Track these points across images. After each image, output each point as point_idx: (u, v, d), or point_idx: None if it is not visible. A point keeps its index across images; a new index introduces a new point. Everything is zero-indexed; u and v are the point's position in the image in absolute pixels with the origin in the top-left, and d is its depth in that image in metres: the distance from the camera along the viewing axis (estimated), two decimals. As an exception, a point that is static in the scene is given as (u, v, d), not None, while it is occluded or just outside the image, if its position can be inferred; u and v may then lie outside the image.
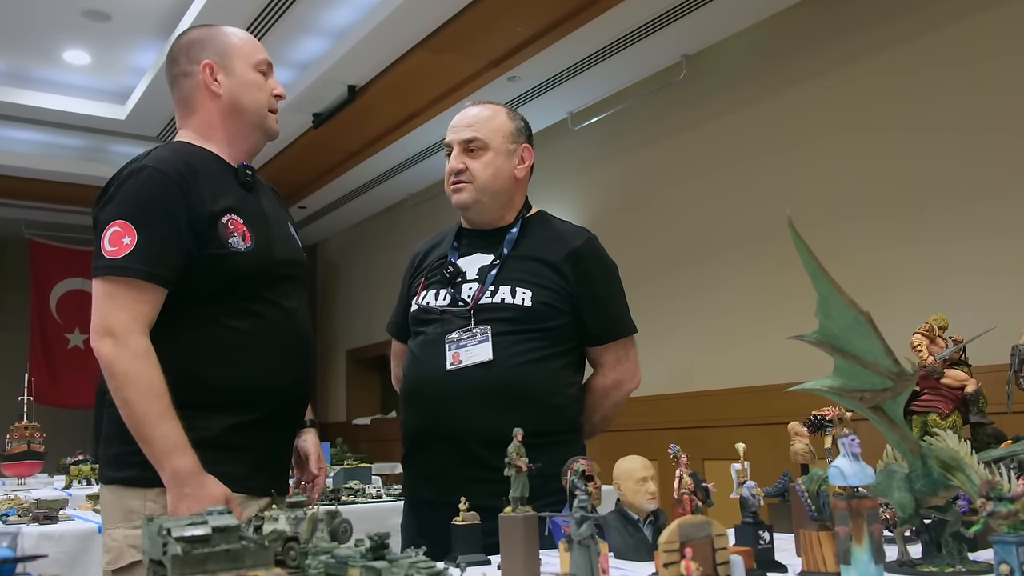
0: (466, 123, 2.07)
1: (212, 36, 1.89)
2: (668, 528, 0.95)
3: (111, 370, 1.64)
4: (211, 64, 1.85)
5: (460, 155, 2.04)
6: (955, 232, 3.56)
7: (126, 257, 1.65)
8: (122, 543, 1.66)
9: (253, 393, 1.76)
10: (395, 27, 4.55)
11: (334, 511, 1.16)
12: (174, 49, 1.91)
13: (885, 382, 1.16)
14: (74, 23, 5.07)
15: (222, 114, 1.86)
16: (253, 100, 1.87)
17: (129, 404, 1.63)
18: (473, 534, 1.42)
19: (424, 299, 2.07)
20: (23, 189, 6.84)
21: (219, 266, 1.73)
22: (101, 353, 1.65)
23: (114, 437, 1.74)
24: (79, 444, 5.59)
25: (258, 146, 1.94)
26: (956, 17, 3.65)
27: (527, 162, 2.11)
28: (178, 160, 1.76)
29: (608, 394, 2.08)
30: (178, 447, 1.62)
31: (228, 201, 1.78)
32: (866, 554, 1.01)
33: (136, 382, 1.63)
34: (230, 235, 1.74)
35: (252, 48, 1.90)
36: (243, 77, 1.86)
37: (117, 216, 1.68)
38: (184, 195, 1.71)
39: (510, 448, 1.32)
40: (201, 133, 1.87)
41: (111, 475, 1.74)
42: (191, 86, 1.87)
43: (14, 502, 2.63)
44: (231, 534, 0.94)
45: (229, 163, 1.86)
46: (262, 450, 1.79)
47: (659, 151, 5.00)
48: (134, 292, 1.66)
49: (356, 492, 2.90)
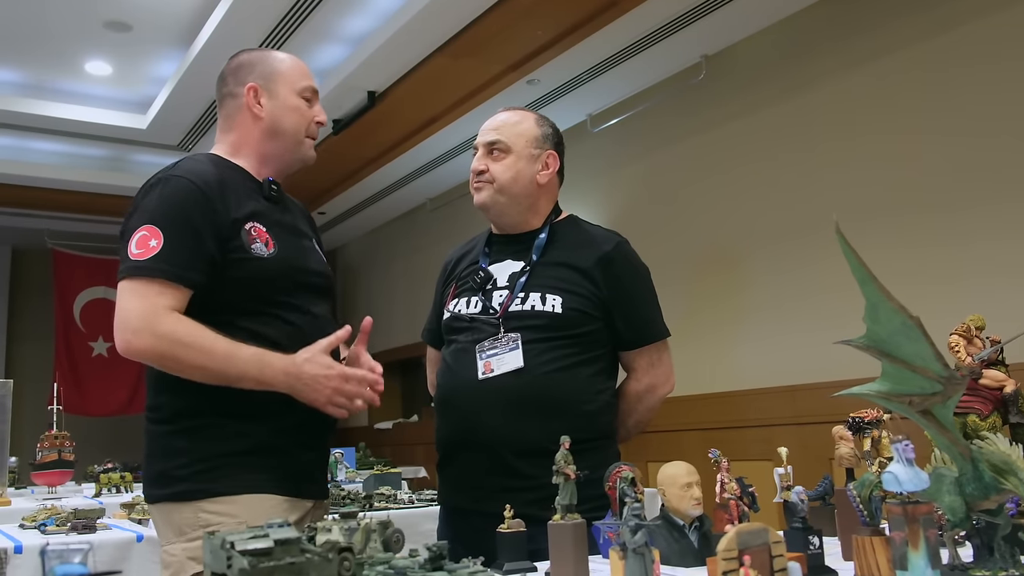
0: (492, 126, 2.11)
1: (261, 60, 1.94)
2: (726, 536, 0.95)
3: (161, 357, 1.65)
4: (255, 87, 1.89)
5: (483, 156, 2.08)
6: (981, 233, 3.54)
7: (152, 259, 1.66)
8: (181, 556, 1.67)
9: (288, 400, 1.75)
10: (414, 33, 4.57)
11: (386, 521, 1.17)
12: (224, 70, 1.96)
13: (935, 386, 1.15)
14: (95, 34, 5.12)
15: (260, 135, 1.90)
16: (292, 124, 1.91)
17: (201, 367, 1.65)
18: (518, 542, 1.42)
19: (455, 307, 2.08)
20: (46, 199, 6.91)
21: (243, 271, 1.75)
22: (141, 349, 1.64)
23: (156, 454, 1.75)
24: (106, 452, 5.63)
25: (289, 170, 1.97)
26: (980, 14, 3.63)
27: (551, 168, 2.11)
28: (205, 169, 1.80)
29: (642, 399, 2.07)
30: (263, 360, 1.66)
31: (252, 207, 1.81)
32: (923, 559, 1.01)
33: (189, 348, 1.63)
34: (252, 241, 1.77)
35: (298, 75, 1.95)
36: (285, 101, 1.91)
37: (145, 222, 1.71)
38: (209, 202, 1.73)
39: (558, 456, 1.32)
40: (234, 149, 1.92)
41: (157, 493, 1.74)
42: (235, 106, 1.92)
43: (51, 511, 2.65)
44: (292, 546, 0.95)
45: (255, 177, 1.90)
46: (298, 456, 1.81)
47: (680, 152, 5.00)
48: (156, 289, 1.66)
49: (388, 498, 2.92)
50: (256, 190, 1.87)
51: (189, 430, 1.73)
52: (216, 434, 1.72)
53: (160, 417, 1.76)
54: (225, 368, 1.65)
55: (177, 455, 1.70)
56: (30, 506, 3.30)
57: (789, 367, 4.18)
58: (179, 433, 1.73)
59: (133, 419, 7.89)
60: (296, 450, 1.79)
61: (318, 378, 1.68)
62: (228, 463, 1.71)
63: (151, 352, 1.65)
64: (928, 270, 3.65)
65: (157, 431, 1.75)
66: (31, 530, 2.55)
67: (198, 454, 1.71)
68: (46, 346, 7.95)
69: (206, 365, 1.64)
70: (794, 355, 4.16)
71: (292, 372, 1.68)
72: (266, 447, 1.74)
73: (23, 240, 8.20)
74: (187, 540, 1.67)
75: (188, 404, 1.72)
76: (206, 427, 1.72)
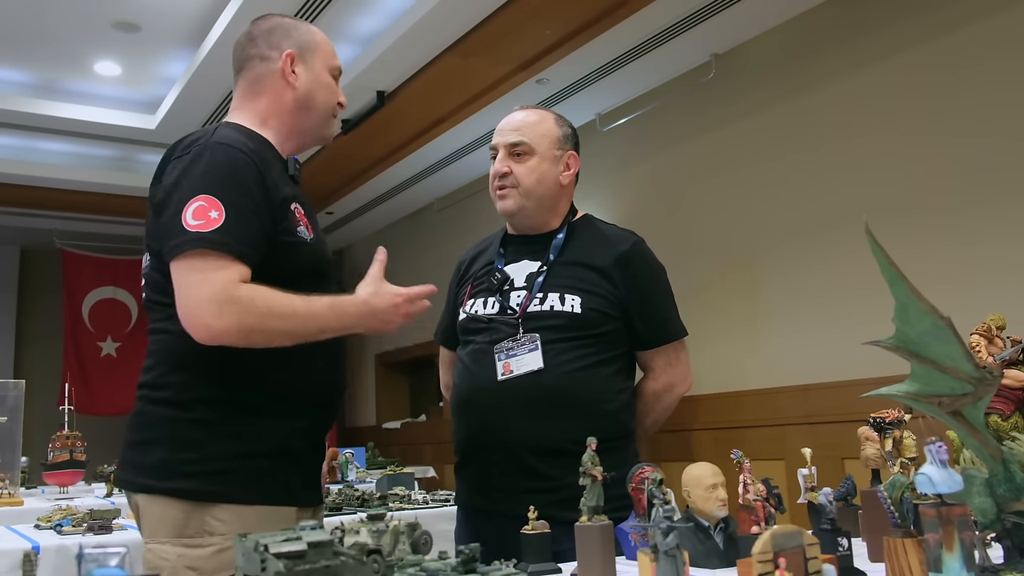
0: (513, 127, 2.06)
1: (296, 27, 1.85)
2: (761, 538, 0.95)
3: (249, 332, 1.51)
4: (293, 54, 1.78)
5: (505, 158, 2.04)
6: (990, 232, 3.53)
7: (217, 231, 1.51)
8: (176, 563, 1.53)
9: (308, 398, 1.71)
10: (423, 32, 4.57)
11: (415, 523, 1.17)
12: (253, 30, 1.84)
13: (965, 387, 1.15)
14: (104, 35, 5.12)
15: (292, 105, 1.79)
16: (324, 100, 1.83)
17: (287, 333, 1.56)
18: (543, 543, 1.42)
19: (472, 308, 2.07)
20: (55, 200, 6.91)
21: (288, 255, 1.65)
22: (226, 329, 1.49)
23: (159, 440, 1.59)
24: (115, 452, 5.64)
25: (311, 145, 1.90)
26: (988, 13, 3.61)
27: (572, 169, 2.10)
28: (248, 141, 1.67)
29: (660, 398, 2.07)
30: (338, 309, 1.63)
31: (289, 189, 1.72)
32: (957, 562, 1.00)
33: (274, 318, 1.53)
34: (297, 224, 1.68)
35: (331, 51, 1.88)
36: (320, 76, 1.82)
37: (201, 191, 1.54)
38: (261, 176, 1.62)
39: (584, 457, 1.32)
40: (260, 119, 1.79)
41: (154, 484, 1.58)
42: (266, 70, 1.79)
43: (67, 512, 2.66)
44: (326, 549, 0.95)
45: (281, 155, 1.80)
46: (310, 461, 1.76)
47: (689, 151, 4.99)
48: (220, 265, 1.51)
49: (402, 499, 2.91)
50: (283, 168, 1.76)
51: (206, 422, 1.59)
52: (234, 430, 1.59)
53: (171, 398, 1.61)
54: (308, 327, 1.58)
55: (188, 447, 1.56)
56: (42, 506, 3.31)
57: (800, 366, 4.17)
58: (195, 423, 1.58)
59: (142, 419, 7.90)
60: (308, 454, 1.73)
61: (389, 309, 1.67)
62: (245, 466, 1.59)
63: (237, 330, 1.50)
64: (938, 270, 3.64)
65: (166, 414, 1.60)
66: (47, 530, 2.55)
67: (212, 450, 1.57)
68: (55, 346, 7.97)
69: (292, 329, 1.56)
70: (805, 354, 4.15)
71: (366, 312, 1.65)
72: (284, 450, 1.64)
73: (32, 240, 8.21)
74: (186, 545, 1.54)
75: (210, 393, 1.59)
76: (224, 420, 1.59)
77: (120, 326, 8.00)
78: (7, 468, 3.68)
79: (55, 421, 4.47)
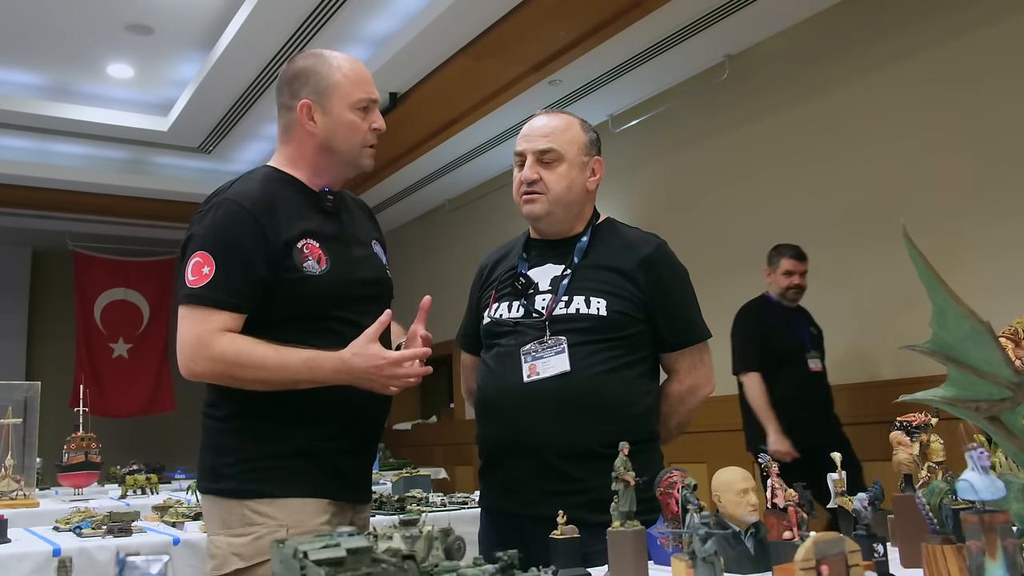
0: (542, 133, 2.04)
1: (316, 71, 1.89)
2: (803, 546, 0.94)
3: (220, 377, 1.74)
4: (309, 104, 1.86)
5: (534, 165, 2.01)
6: (1012, 237, 3.50)
7: (204, 287, 1.73)
8: (226, 551, 1.74)
9: (331, 409, 1.80)
10: (437, 34, 4.57)
11: (448, 528, 1.16)
12: (281, 77, 1.95)
13: (1004, 392, 1.14)
14: (117, 37, 5.14)
15: (314, 150, 1.90)
16: (346, 141, 1.89)
17: (259, 380, 1.72)
18: (572, 547, 1.41)
19: (497, 312, 2.06)
20: (67, 201, 6.95)
21: (294, 290, 1.79)
22: (201, 373, 1.74)
23: (209, 450, 1.83)
24: (130, 453, 5.64)
25: (345, 178, 1.98)
26: (1006, 15, 3.59)
27: (598, 175, 2.10)
28: (257, 191, 1.82)
29: (684, 400, 2.06)
30: (313, 363, 1.71)
31: (305, 225, 1.83)
32: (1000, 569, 0.99)
33: (244, 367, 1.71)
34: (305, 259, 1.80)
35: (352, 86, 1.89)
36: (340, 118, 1.88)
37: (198, 248, 1.77)
38: (259, 226, 1.77)
39: (617, 463, 1.31)
40: (290, 162, 1.92)
41: (208, 486, 1.82)
42: (290, 120, 1.91)
43: (86, 514, 2.66)
44: (365, 555, 0.94)
45: (311, 189, 1.91)
46: (337, 462, 1.83)
47: (702, 152, 4.98)
48: (208, 316, 1.73)
49: (419, 501, 2.91)
50: (311, 203, 1.89)
51: (238, 430, 1.80)
52: (261, 435, 1.78)
53: (215, 414, 1.83)
54: (280, 377, 1.73)
55: (226, 453, 1.78)
56: (57, 507, 3.31)
57: (816, 368, 4.14)
58: (230, 432, 1.81)
59: (154, 420, 7.93)
60: (335, 456, 1.83)
61: (368, 370, 1.72)
62: (272, 465, 1.77)
63: (210, 375, 1.74)
64: (954, 271, 3.62)
65: (212, 427, 1.83)
66: (65, 532, 2.55)
67: (245, 454, 1.78)
68: (67, 347, 7.99)
69: (262, 378, 1.73)
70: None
71: (343, 369, 1.73)
72: (305, 451, 1.78)
73: (44, 242, 8.24)
74: (232, 535, 1.74)
75: (238, 406, 1.79)
76: (252, 428, 1.79)
77: (132, 328, 8.02)
78: (22, 469, 3.68)
79: (67, 422, 4.48)
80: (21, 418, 3.71)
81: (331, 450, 1.81)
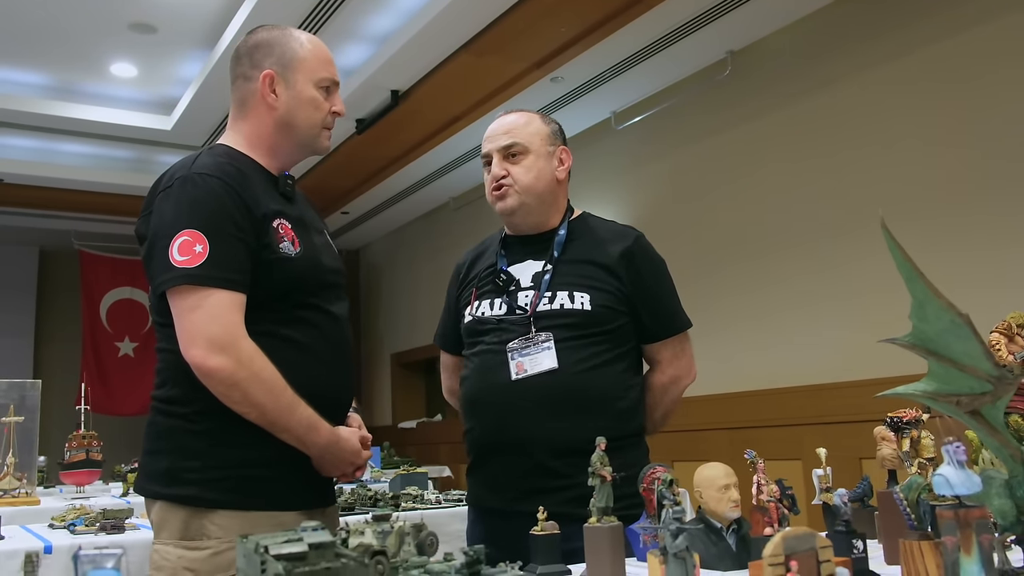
0: (503, 130, 2.08)
1: (280, 42, 1.81)
2: (772, 541, 0.92)
3: (231, 381, 1.57)
4: (272, 74, 1.78)
5: (501, 162, 2.05)
6: (1016, 233, 3.47)
7: (202, 265, 1.57)
8: (175, 563, 1.60)
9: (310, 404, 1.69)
10: (438, 31, 4.56)
11: (420, 524, 1.15)
12: (240, 47, 1.84)
13: (984, 386, 1.12)
14: (121, 36, 5.15)
15: (273, 126, 1.80)
16: (306, 118, 1.81)
17: (260, 406, 1.59)
18: (552, 544, 1.40)
19: (479, 309, 2.06)
20: (72, 201, 6.97)
21: (272, 271, 1.67)
22: (216, 368, 1.56)
23: (169, 451, 1.66)
24: (132, 451, 5.66)
25: (300, 159, 1.90)
26: (1009, 11, 3.56)
27: (566, 163, 2.12)
28: (228, 165, 1.70)
29: (667, 390, 2.07)
30: (313, 424, 1.65)
31: (275, 205, 1.73)
32: (975, 565, 0.97)
33: (262, 384, 1.58)
34: (280, 240, 1.69)
35: (317, 63, 1.83)
36: (302, 93, 1.80)
37: (185, 225, 1.60)
38: (242, 199, 1.66)
39: (593, 458, 1.30)
40: (248, 140, 1.82)
41: (161, 491, 1.66)
42: (249, 91, 1.81)
43: (80, 511, 2.66)
44: (327, 550, 0.93)
45: (271, 172, 1.82)
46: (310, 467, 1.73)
47: (705, 149, 4.95)
48: (218, 299, 1.58)
49: (415, 498, 2.90)
50: (272, 186, 1.79)
51: (208, 432, 1.64)
52: (232, 440, 1.63)
53: (177, 411, 1.66)
54: (280, 419, 1.62)
55: (191, 456, 1.62)
56: (58, 505, 3.32)
57: (814, 366, 4.13)
58: (196, 434, 1.64)
59: (159, 419, 7.94)
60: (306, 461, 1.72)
61: (345, 458, 1.73)
62: (242, 475, 1.64)
63: (224, 374, 1.57)
64: (954, 271, 3.58)
65: (173, 425, 1.66)
66: (60, 530, 2.55)
67: (214, 460, 1.63)
68: (73, 346, 8.03)
69: (266, 407, 1.60)
70: (819, 354, 4.11)
71: (332, 449, 1.70)
72: (278, 459, 1.66)
73: (50, 241, 8.27)
74: (185, 547, 1.60)
75: (211, 406, 1.61)
76: (223, 431, 1.63)
77: (138, 326, 8.05)
78: (25, 467, 3.69)
79: (73, 421, 4.49)
80: (23, 416, 3.72)
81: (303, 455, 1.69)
